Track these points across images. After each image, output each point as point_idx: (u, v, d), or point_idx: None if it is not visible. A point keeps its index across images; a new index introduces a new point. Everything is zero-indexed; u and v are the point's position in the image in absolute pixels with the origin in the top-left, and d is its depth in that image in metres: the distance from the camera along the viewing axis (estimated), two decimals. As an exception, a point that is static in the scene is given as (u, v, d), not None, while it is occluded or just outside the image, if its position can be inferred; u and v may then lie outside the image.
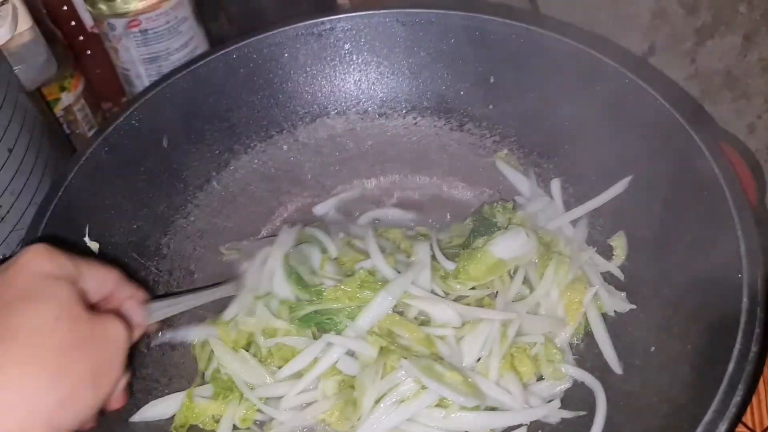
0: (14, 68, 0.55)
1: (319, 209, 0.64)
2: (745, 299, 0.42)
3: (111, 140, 0.55)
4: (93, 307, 0.39)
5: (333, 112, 0.66)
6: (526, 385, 0.49)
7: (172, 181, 0.60)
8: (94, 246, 0.53)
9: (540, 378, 0.50)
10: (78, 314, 0.36)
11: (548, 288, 0.51)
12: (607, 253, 0.55)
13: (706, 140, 0.50)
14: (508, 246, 0.52)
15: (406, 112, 0.66)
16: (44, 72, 0.58)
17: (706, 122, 0.67)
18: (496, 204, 0.59)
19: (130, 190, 0.57)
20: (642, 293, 0.51)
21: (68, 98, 0.72)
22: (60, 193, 0.51)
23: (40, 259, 0.37)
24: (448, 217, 0.62)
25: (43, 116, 0.61)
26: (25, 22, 0.54)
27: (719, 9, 0.70)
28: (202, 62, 0.60)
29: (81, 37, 0.78)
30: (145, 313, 0.45)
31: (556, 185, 0.60)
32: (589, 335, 0.51)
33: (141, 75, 0.70)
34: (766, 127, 0.73)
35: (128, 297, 0.44)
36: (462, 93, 0.64)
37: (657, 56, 0.77)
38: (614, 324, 0.51)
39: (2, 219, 0.51)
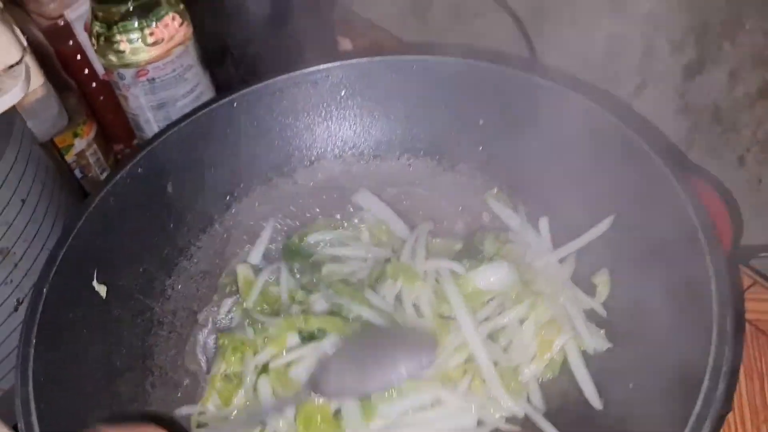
0: (27, 122, 0.59)
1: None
2: (714, 336, 0.44)
3: (118, 188, 0.58)
4: None
5: (330, 155, 0.69)
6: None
7: (177, 225, 0.63)
8: (102, 290, 0.56)
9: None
10: None
11: (519, 320, 0.53)
12: (589, 290, 0.57)
13: (683, 184, 0.51)
14: (488, 276, 0.55)
15: (399, 154, 0.69)
16: (56, 125, 0.61)
17: (686, 167, 0.69)
18: (487, 233, 0.61)
19: (136, 234, 0.60)
20: (620, 330, 0.53)
21: (81, 144, 0.76)
22: (69, 240, 0.54)
23: None
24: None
25: (55, 164, 0.64)
26: (37, 79, 0.57)
27: (705, 47, 0.72)
28: (204, 111, 0.64)
29: (93, 84, 0.82)
30: None
31: (544, 223, 0.62)
32: (568, 370, 0.53)
33: (150, 120, 0.74)
34: (755, 159, 0.74)
35: None
36: (453, 135, 0.66)
37: (648, 91, 0.80)
38: (594, 359, 0.53)
39: (15, 266, 0.54)
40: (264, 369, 0.54)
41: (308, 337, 0.54)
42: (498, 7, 0.85)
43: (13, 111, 0.55)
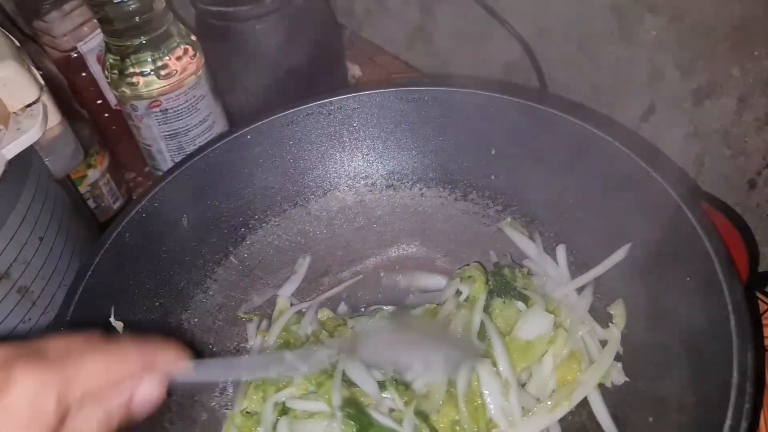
0: (45, 159, 0.59)
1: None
2: (735, 374, 0.44)
3: (133, 224, 0.58)
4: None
5: (343, 185, 0.69)
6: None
7: (192, 259, 0.63)
8: (119, 326, 0.56)
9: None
10: None
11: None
12: (605, 320, 0.57)
13: (696, 215, 0.52)
14: (532, 327, 0.55)
15: (412, 184, 0.69)
16: (73, 161, 0.61)
17: (697, 194, 0.69)
18: (517, 269, 0.61)
19: (152, 269, 0.60)
20: (638, 363, 0.53)
21: (95, 174, 0.76)
22: (86, 277, 0.54)
23: (23, 406, 0.31)
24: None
25: (70, 198, 0.64)
26: (54, 117, 0.58)
27: (714, 72, 0.72)
28: (218, 144, 0.64)
29: (106, 114, 0.82)
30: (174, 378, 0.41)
31: (561, 251, 0.62)
32: (587, 404, 0.53)
33: (162, 150, 0.74)
34: (765, 182, 0.74)
35: (166, 363, 0.41)
36: (465, 165, 0.66)
37: (657, 115, 0.80)
38: (612, 392, 0.53)
39: (34, 303, 0.55)
40: (284, 410, 0.54)
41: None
42: (505, 31, 0.85)
43: (30, 149, 0.55)
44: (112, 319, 0.56)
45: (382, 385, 0.53)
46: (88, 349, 0.34)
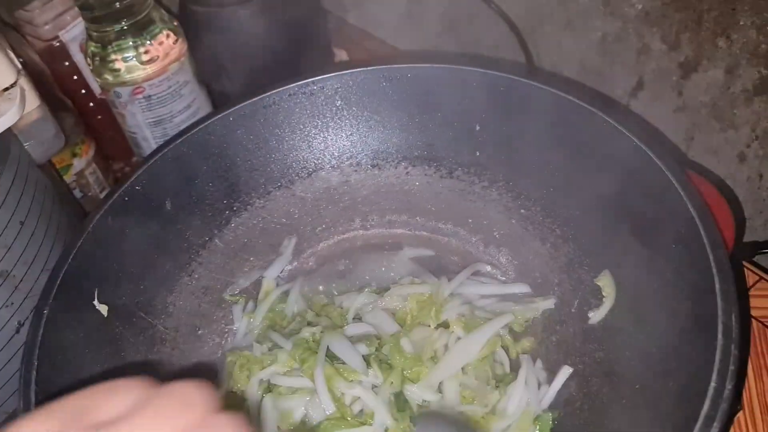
0: (24, 144, 0.59)
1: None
2: (719, 336, 0.44)
3: (116, 207, 0.58)
4: None
5: (328, 166, 0.69)
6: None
7: (176, 242, 0.63)
8: (103, 309, 0.56)
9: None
10: None
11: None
12: (596, 293, 0.57)
13: (681, 180, 0.51)
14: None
15: (397, 162, 0.68)
16: (53, 146, 0.61)
17: (682, 161, 0.68)
18: None
19: (136, 252, 0.59)
20: (624, 332, 0.53)
21: (80, 164, 0.76)
22: (69, 260, 0.54)
23: None
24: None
25: (53, 185, 0.64)
26: (33, 101, 0.58)
27: (700, 44, 0.71)
28: (200, 127, 0.63)
29: (91, 104, 0.82)
30: None
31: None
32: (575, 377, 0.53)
33: (148, 137, 0.74)
34: (755, 155, 0.74)
35: None
36: (450, 142, 0.66)
37: (645, 90, 0.79)
38: (597, 362, 0.53)
39: (16, 288, 0.54)
40: (269, 388, 0.53)
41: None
42: (492, 13, 0.85)
43: (9, 133, 0.55)
44: (96, 302, 0.55)
45: (366, 360, 0.53)
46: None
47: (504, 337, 0.57)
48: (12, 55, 0.57)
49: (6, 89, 0.55)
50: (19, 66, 0.57)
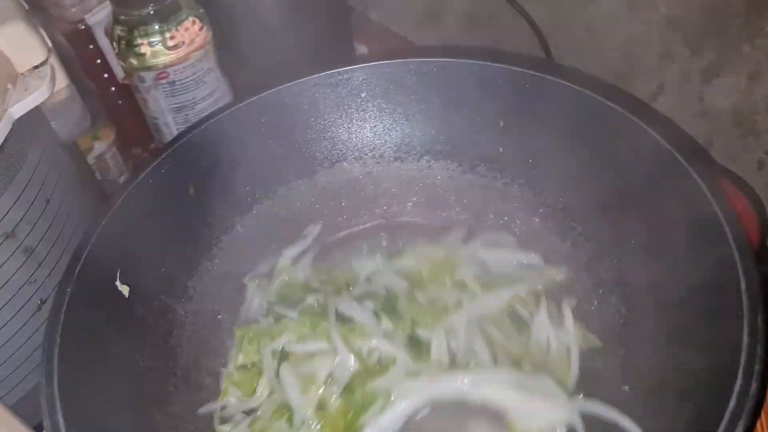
0: (51, 123, 0.59)
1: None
2: (745, 336, 0.44)
3: (140, 190, 0.58)
4: None
5: (351, 157, 0.69)
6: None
7: (198, 227, 0.63)
8: (125, 289, 0.56)
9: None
10: None
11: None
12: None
13: (707, 180, 0.51)
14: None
15: (420, 156, 0.69)
16: (80, 126, 0.62)
17: (708, 163, 0.68)
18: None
19: (158, 236, 0.60)
20: (647, 329, 0.53)
21: (101, 147, 0.76)
22: (92, 240, 0.54)
23: None
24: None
25: (77, 166, 0.64)
26: (62, 80, 0.58)
27: (723, 49, 0.72)
28: (226, 113, 0.64)
29: (113, 88, 0.82)
30: None
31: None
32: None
33: (169, 123, 0.74)
34: (774, 162, 0.74)
35: None
36: (473, 137, 0.66)
37: (666, 94, 0.80)
38: (622, 358, 0.53)
39: (39, 265, 0.55)
40: (284, 356, 0.54)
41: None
42: (513, 12, 0.85)
43: (38, 111, 0.55)
44: (117, 282, 0.55)
45: (376, 315, 0.54)
46: None
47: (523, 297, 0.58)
48: (44, 33, 0.57)
49: (36, 67, 0.55)
50: (50, 44, 0.57)
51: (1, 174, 0.51)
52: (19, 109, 0.52)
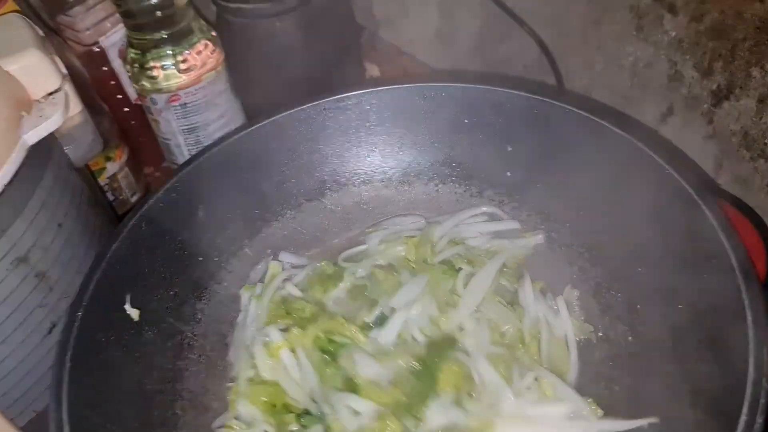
0: (65, 148, 0.60)
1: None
2: (751, 369, 0.43)
3: (151, 213, 0.59)
4: None
5: (359, 180, 0.69)
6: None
7: (207, 250, 0.63)
8: (135, 313, 0.56)
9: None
10: None
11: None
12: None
13: (714, 212, 0.51)
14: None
15: (428, 180, 0.69)
16: (92, 150, 0.62)
17: (716, 192, 0.68)
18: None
19: (168, 259, 0.60)
20: (653, 358, 0.53)
21: (113, 167, 0.77)
22: (103, 264, 0.55)
23: None
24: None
25: (89, 188, 0.65)
26: (75, 105, 0.59)
27: (733, 73, 0.71)
28: (236, 137, 0.65)
29: (126, 109, 0.83)
30: None
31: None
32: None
33: (180, 144, 0.75)
34: (784, 186, 0.73)
35: None
36: (481, 161, 0.67)
37: (675, 116, 0.79)
38: (625, 390, 0.53)
39: (51, 289, 0.55)
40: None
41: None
42: (524, 33, 0.85)
43: (51, 137, 0.56)
44: (127, 306, 0.56)
45: None
46: None
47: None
48: (58, 60, 0.58)
49: (51, 93, 0.56)
50: (65, 71, 0.58)
51: (15, 200, 0.52)
52: (33, 136, 0.53)
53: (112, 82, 0.80)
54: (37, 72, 0.55)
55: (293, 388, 0.56)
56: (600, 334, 0.58)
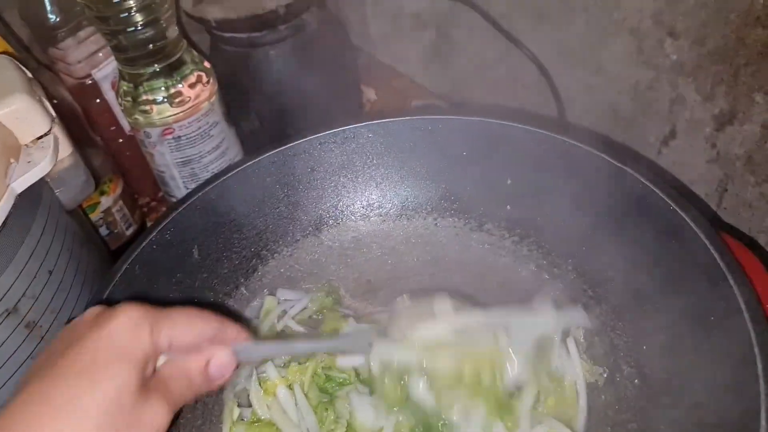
0: (55, 191, 0.59)
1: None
2: (763, 415, 0.42)
3: (144, 256, 0.58)
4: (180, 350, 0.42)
5: (356, 215, 0.68)
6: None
7: (202, 290, 0.62)
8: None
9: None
10: (125, 404, 0.37)
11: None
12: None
13: (718, 247, 0.50)
14: None
15: (426, 214, 0.68)
16: (84, 192, 0.61)
17: (719, 228, 0.67)
18: None
19: (162, 301, 0.58)
20: (660, 402, 0.51)
21: (107, 201, 0.76)
22: (96, 311, 0.54)
23: (124, 332, 0.39)
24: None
25: (81, 229, 0.64)
26: (65, 148, 0.58)
27: (736, 98, 0.70)
28: (229, 174, 0.63)
29: (120, 140, 0.82)
30: (239, 354, 0.45)
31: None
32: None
33: (175, 177, 0.74)
34: (791, 211, 0.72)
35: (232, 338, 0.45)
36: (480, 194, 0.65)
37: (678, 140, 0.78)
38: (637, 419, 0.51)
39: (42, 338, 0.54)
40: None
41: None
42: (522, 54, 0.84)
43: (41, 182, 0.55)
44: (121, 353, 0.55)
45: None
46: (175, 309, 0.43)
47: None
48: (47, 103, 0.57)
49: (39, 138, 0.55)
50: (53, 114, 0.57)
51: (3, 250, 0.51)
52: (22, 183, 0.52)
53: (106, 115, 0.79)
54: (26, 116, 0.54)
55: (290, 429, 0.54)
56: (604, 375, 0.56)
